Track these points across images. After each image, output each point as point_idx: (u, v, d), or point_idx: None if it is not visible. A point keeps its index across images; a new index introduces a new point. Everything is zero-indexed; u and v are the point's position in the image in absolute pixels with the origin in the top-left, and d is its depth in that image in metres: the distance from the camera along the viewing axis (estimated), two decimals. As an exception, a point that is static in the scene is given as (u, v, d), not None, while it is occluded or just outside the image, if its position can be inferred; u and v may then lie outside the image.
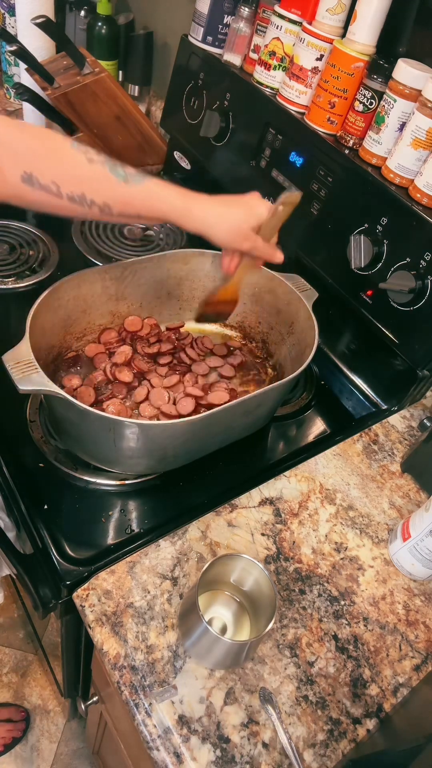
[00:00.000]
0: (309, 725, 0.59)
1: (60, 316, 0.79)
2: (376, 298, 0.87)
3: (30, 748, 1.37)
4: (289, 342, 0.88)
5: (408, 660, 0.66)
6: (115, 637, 0.61)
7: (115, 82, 1.19)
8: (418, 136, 0.78)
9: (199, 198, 0.69)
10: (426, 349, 0.83)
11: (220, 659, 0.60)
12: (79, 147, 0.63)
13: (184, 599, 0.65)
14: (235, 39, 1.04)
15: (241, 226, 0.71)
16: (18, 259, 1.05)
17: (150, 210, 0.67)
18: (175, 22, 1.29)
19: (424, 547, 0.69)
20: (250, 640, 0.56)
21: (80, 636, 0.85)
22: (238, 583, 0.65)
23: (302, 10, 0.89)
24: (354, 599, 0.70)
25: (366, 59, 0.84)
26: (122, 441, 0.68)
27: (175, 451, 0.75)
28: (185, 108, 1.19)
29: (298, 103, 0.95)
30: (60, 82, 1.16)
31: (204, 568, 0.58)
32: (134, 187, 0.65)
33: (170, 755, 0.55)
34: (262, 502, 0.77)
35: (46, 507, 0.72)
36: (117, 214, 0.66)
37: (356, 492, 0.82)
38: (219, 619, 0.65)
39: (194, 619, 0.57)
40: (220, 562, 0.60)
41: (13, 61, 1.40)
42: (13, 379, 0.61)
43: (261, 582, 0.61)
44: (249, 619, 0.65)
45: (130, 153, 1.32)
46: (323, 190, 0.92)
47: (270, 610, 0.58)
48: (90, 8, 1.40)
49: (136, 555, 0.69)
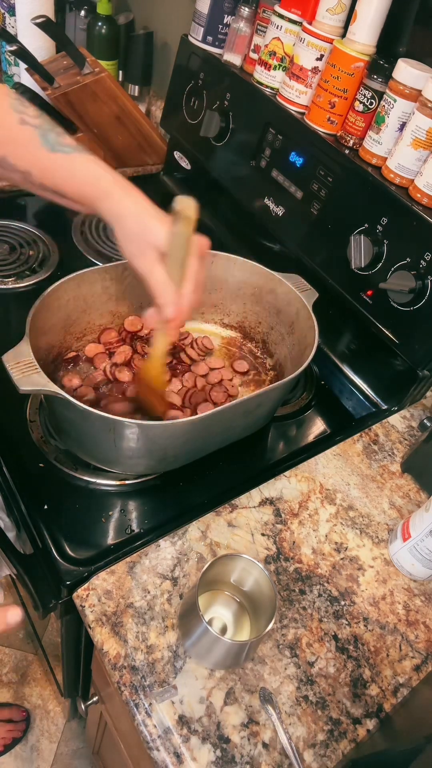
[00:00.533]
0: (309, 725, 0.59)
1: (60, 316, 0.79)
2: (376, 298, 0.87)
3: (30, 748, 1.38)
4: (289, 342, 0.88)
5: (408, 660, 0.66)
6: (115, 637, 0.61)
7: (115, 82, 1.19)
8: (418, 136, 0.78)
9: (128, 189, 0.62)
10: (426, 349, 0.83)
11: (220, 659, 0.60)
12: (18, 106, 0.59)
13: (184, 599, 0.65)
14: (235, 39, 1.04)
15: (146, 235, 0.61)
16: (18, 259, 1.05)
17: (71, 185, 0.61)
18: (175, 22, 1.29)
19: (424, 547, 0.69)
20: (250, 641, 0.56)
21: (80, 636, 0.85)
22: (238, 584, 0.65)
23: (302, 10, 0.89)
24: (354, 599, 0.70)
25: (366, 59, 0.84)
26: (122, 441, 0.68)
27: (175, 451, 0.75)
28: (185, 108, 1.19)
29: (298, 103, 0.95)
30: (60, 82, 1.16)
31: (204, 568, 0.58)
32: (60, 157, 0.59)
33: (170, 755, 0.55)
34: (262, 502, 0.77)
35: (46, 507, 0.72)
36: (38, 185, 0.62)
37: (356, 492, 0.82)
38: (219, 620, 0.65)
39: (194, 620, 0.57)
40: (220, 562, 0.60)
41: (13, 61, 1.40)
42: (13, 379, 0.61)
43: (261, 582, 0.61)
44: (249, 619, 0.65)
45: (130, 153, 1.32)
46: (323, 190, 0.92)
47: (270, 610, 0.58)
48: (90, 8, 1.40)
49: (136, 555, 0.69)
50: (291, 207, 0.99)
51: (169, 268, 0.61)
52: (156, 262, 0.61)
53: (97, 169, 0.61)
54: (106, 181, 0.61)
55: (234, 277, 0.91)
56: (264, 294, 0.90)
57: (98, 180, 0.61)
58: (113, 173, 0.62)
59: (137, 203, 0.62)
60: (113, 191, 0.61)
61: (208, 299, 0.94)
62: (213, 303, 0.95)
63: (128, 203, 0.61)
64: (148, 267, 0.61)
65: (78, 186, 0.62)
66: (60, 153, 0.60)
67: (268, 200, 1.03)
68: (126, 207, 0.61)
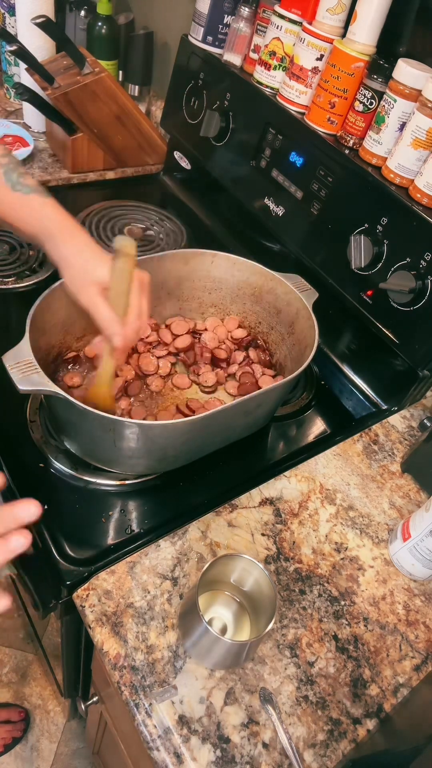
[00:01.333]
0: (309, 725, 0.59)
1: (60, 316, 0.79)
2: (376, 298, 0.87)
3: (30, 748, 1.38)
4: (289, 342, 0.88)
5: (408, 660, 0.66)
6: (115, 638, 0.61)
7: (115, 82, 1.19)
8: (418, 136, 0.78)
9: (73, 232, 0.67)
10: (426, 349, 0.83)
11: (220, 659, 0.60)
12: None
13: (184, 599, 0.65)
14: (235, 39, 1.04)
15: (88, 272, 0.66)
16: (18, 259, 1.05)
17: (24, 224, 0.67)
18: (175, 22, 1.29)
19: (424, 547, 0.69)
20: (250, 641, 0.56)
21: (80, 636, 0.85)
22: (238, 584, 0.65)
23: (302, 10, 0.89)
24: (354, 599, 0.70)
25: (366, 59, 0.84)
26: (122, 441, 0.68)
27: (175, 451, 0.75)
28: (185, 108, 1.19)
29: (298, 103, 0.95)
30: (60, 81, 1.16)
31: (204, 568, 0.58)
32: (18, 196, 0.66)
33: (170, 755, 0.55)
34: (262, 502, 0.77)
35: (46, 507, 0.72)
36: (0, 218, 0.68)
37: (356, 492, 0.82)
38: (219, 620, 0.65)
39: (194, 620, 0.57)
40: (220, 562, 0.60)
41: (13, 60, 1.40)
42: (13, 379, 0.61)
43: (261, 582, 0.61)
44: (249, 619, 0.65)
45: (130, 153, 1.32)
46: (323, 190, 0.92)
47: (270, 610, 0.58)
48: (90, 8, 1.40)
49: (136, 555, 0.69)
50: (291, 207, 0.99)
51: (113, 300, 0.65)
52: (98, 296, 0.65)
53: (49, 212, 0.67)
54: (54, 225, 0.67)
55: (234, 277, 0.91)
56: (264, 294, 0.90)
57: (48, 222, 0.67)
58: (63, 216, 0.67)
59: (80, 245, 0.67)
60: (58, 234, 0.66)
61: (208, 299, 0.94)
62: (213, 303, 0.95)
63: (71, 245, 0.66)
64: (93, 301, 0.65)
65: (29, 225, 0.67)
66: (19, 192, 0.66)
67: (268, 200, 1.03)
68: (69, 249, 0.66)
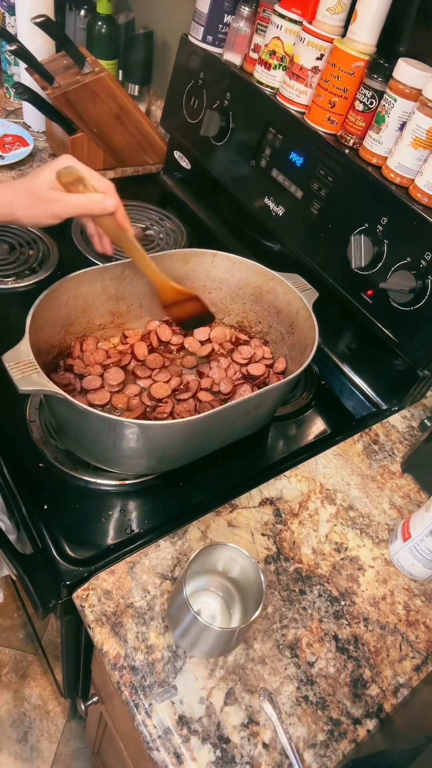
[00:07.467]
0: (309, 725, 0.59)
1: (60, 316, 0.79)
2: (376, 298, 0.87)
3: (30, 748, 1.37)
4: (289, 342, 0.87)
5: (408, 660, 0.66)
6: (115, 638, 0.61)
7: (115, 82, 1.19)
8: (418, 136, 0.78)
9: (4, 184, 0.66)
10: (426, 349, 0.83)
11: (209, 647, 0.60)
12: None
13: (171, 592, 0.65)
14: (235, 38, 1.04)
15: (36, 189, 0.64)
16: (18, 258, 1.05)
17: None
18: (175, 21, 1.29)
19: (424, 548, 0.69)
20: (239, 627, 0.56)
21: (80, 636, 0.85)
22: (225, 572, 0.65)
23: (302, 10, 0.89)
24: (354, 599, 0.70)
25: (366, 59, 0.83)
26: (122, 441, 0.68)
27: (175, 451, 0.75)
28: (185, 107, 1.19)
29: (299, 102, 0.95)
30: (60, 81, 1.16)
31: (190, 558, 0.57)
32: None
33: (170, 755, 0.55)
34: (262, 502, 0.77)
35: (46, 507, 0.72)
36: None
37: (356, 492, 0.81)
38: (207, 609, 0.65)
39: (182, 610, 0.57)
40: (206, 552, 0.60)
41: (13, 60, 1.40)
42: (13, 379, 0.61)
43: (248, 569, 0.61)
44: (239, 607, 0.65)
45: (130, 152, 1.32)
46: (323, 189, 0.92)
47: (258, 595, 0.58)
48: (90, 7, 1.40)
49: (136, 555, 0.69)
50: (291, 207, 0.99)
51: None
52: (61, 194, 0.64)
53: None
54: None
55: (234, 276, 0.91)
56: (264, 294, 0.90)
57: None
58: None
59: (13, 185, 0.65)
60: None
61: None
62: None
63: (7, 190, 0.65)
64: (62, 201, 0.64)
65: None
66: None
67: (268, 200, 1.03)
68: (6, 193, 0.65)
